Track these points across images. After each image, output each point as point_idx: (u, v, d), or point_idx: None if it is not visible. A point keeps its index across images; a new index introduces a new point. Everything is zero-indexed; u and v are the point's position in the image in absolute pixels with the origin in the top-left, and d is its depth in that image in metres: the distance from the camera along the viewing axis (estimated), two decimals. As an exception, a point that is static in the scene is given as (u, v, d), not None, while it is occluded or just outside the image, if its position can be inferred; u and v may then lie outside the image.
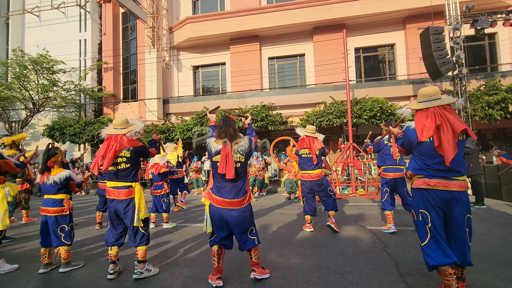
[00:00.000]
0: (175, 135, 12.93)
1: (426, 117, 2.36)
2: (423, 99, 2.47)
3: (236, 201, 2.74)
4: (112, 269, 3.04)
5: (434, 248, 2.28)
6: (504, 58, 13.14)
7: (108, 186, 3.08)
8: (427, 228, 2.33)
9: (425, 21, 12.34)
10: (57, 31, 18.42)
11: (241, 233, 2.78)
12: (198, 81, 16.84)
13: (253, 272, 2.83)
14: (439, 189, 2.31)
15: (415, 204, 2.46)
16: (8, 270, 3.34)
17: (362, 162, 10.06)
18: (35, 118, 17.79)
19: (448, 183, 2.30)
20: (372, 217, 5.74)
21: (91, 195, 12.47)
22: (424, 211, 2.36)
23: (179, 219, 6.21)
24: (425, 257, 2.33)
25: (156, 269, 3.14)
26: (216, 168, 2.73)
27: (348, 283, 2.74)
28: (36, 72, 15.89)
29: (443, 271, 2.25)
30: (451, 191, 2.30)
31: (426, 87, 2.55)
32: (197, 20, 15.23)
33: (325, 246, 3.90)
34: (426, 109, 2.40)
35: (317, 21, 14.04)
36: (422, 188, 2.38)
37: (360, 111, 11.31)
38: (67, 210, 3.45)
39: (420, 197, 2.40)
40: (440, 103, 2.38)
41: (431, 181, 2.34)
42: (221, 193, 2.75)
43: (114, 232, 3.09)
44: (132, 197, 3.01)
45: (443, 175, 2.32)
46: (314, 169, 4.66)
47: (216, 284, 2.71)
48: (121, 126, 3.12)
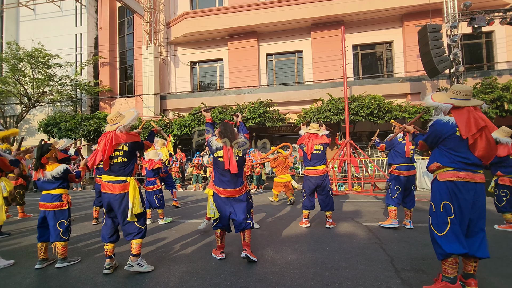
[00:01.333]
0: (172, 131, 12.88)
1: (467, 114, 2.42)
2: (460, 97, 2.50)
3: (235, 190, 3.31)
4: (108, 264, 3.04)
5: (451, 238, 2.37)
6: (501, 56, 13.21)
7: (103, 180, 3.07)
8: (448, 219, 2.41)
9: (423, 19, 12.35)
10: (52, 25, 18.14)
11: (241, 215, 3.28)
12: (195, 77, 16.75)
13: (244, 250, 3.23)
14: (467, 181, 2.40)
15: (438, 196, 2.51)
16: (4, 266, 3.32)
17: (358, 159, 10.10)
18: (31, 113, 17.59)
19: (474, 175, 2.41)
20: (368, 214, 5.78)
21: (87, 190, 12.43)
22: (448, 202, 2.43)
23: (175, 215, 6.22)
24: (442, 245, 2.39)
25: (150, 266, 3.10)
26: (218, 163, 3.28)
27: (344, 278, 2.77)
28: (31, 66, 15.68)
29: (451, 260, 2.36)
30: (476, 183, 2.41)
31: (460, 84, 2.61)
32: (194, 15, 15.10)
33: (322, 242, 3.93)
34: (462, 107, 2.46)
35: (316, 17, 13.99)
36: (450, 180, 2.44)
37: (358, 108, 11.33)
38: (66, 204, 3.45)
39: (445, 189, 2.46)
40: (473, 103, 2.47)
41: (461, 173, 2.41)
42: (223, 184, 3.30)
43: (110, 227, 3.09)
44: (126, 192, 3.00)
45: (470, 168, 2.41)
46: (321, 165, 4.73)
47: (220, 257, 3.35)
48: (114, 121, 3.13)
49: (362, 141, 13.96)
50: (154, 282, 2.79)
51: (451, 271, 2.36)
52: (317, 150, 4.73)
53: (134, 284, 2.76)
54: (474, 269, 2.44)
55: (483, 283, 2.57)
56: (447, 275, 2.38)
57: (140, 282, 2.81)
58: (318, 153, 4.73)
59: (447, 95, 2.59)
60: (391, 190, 4.63)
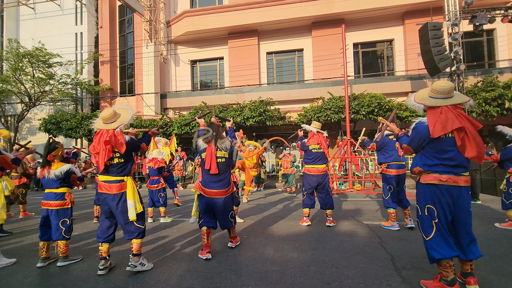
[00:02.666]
0: (172, 130, 12.89)
1: (439, 114, 2.33)
2: (437, 96, 2.41)
3: (221, 191, 3.38)
4: (103, 265, 3.00)
5: (439, 242, 2.33)
6: (502, 54, 13.16)
7: (99, 180, 3.02)
8: (433, 222, 2.37)
9: (424, 17, 12.32)
10: (52, 24, 18.14)
11: (223, 216, 3.46)
12: (195, 75, 16.74)
13: (230, 242, 3.74)
14: (450, 184, 2.33)
15: (422, 199, 2.47)
16: (6, 264, 3.34)
17: (359, 158, 10.10)
18: (31, 112, 17.61)
19: (457, 178, 2.34)
20: (369, 212, 5.79)
21: (88, 189, 12.45)
22: (431, 206, 2.38)
23: (176, 213, 6.23)
24: (430, 250, 2.37)
25: (150, 264, 3.12)
26: (203, 164, 3.36)
27: (344, 276, 2.78)
28: (32, 65, 15.69)
29: (444, 264, 2.32)
30: (460, 187, 2.34)
31: (440, 81, 2.50)
32: (194, 14, 15.07)
33: (322, 241, 3.94)
34: (438, 107, 2.37)
35: (316, 15, 13.95)
36: (432, 183, 2.39)
37: (358, 106, 11.32)
38: (69, 203, 3.45)
39: (428, 192, 2.41)
40: (453, 101, 2.36)
41: (443, 176, 2.35)
42: (208, 185, 3.38)
43: (105, 228, 3.05)
44: (124, 192, 2.97)
45: (454, 170, 2.35)
46: (322, 164, 4.73)
47: (206, 257, 3.31)
48: (110, 120, 2.98)
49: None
50: (155, 281, 2.80)
51: (447, 274, 2.32)
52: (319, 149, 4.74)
53: (135, 282, 2.77)
54: (471, 267, 2.42)
55: (483, 282, 2.57)
56: (444, 278, 2.34)
57: (141, 280, 2.82)
58: (320, 151, 4.74)
59: (427, 94, 2.50)
60: (385, 190, 4.55)
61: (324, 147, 4.72)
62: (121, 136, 2.96)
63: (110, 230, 3.07)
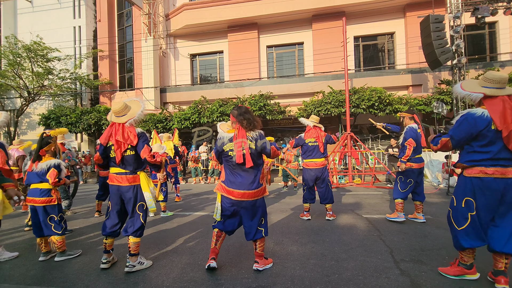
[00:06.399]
0: (172, 124, 12.87)
1: (500, 105, 2.24)
2: (493, 85, 2.31)
3: (250, 192, 2.70)
4: (105, 259, 2.99)
5: (470, 233, 2.39)
6: (504, 47, 13.06)
7: (111, 172, 3.00)
8: (469, 215, 2.39)
9: (426, 9, 12.18)
10: (50, 18, 17.96)
11: (250, 224, 2.78)
12: (195, 69, 16.65)
13: (256, 263, 2.82)
14: (496, 177, 2.28)
15: (461, 191, 2.46)
16: (8, 258, 3.36)
17: (359, 152, 10.11)
18: (31, 107, 17.58)
19: (505, 170, 2.28)
20: (368, 206, 5.82)
21: (89, 184, 12.49)
22: (470, 198, 2.38)
23: (177, 208, 6.27)
24: (460, 239, 2.43)
25: (149, 261, 3.07)
26: (228, 158, 2.73)
27: (344, 269, 2.80)
28: (30, 60, 15.59)
29: (468, 250, 2.44)
30: (507, 178, 2.27)
31: (493, 71, 2.45)
32: (194, 7, 14.92)
33: (322, 234, 3.97)
34: (496, 97, 2.29)
35: (316, 8, 13.80)
36: (477, 176, 2.34)
37: (358, 100, 11.28)
38: (55, 200, 3.37)
39: (470, 185, 2.38)
40: (507, 92, 2.30)
41: (489, 169, 2.30)
42: (234, 185, 2.71)
43: (114, 220, 3.01)
44: (136, 184, 2.95)
45: (502, 163, 2.28)
46: (320, 157, 4.73)
47: (209, 264, 2.77)
48: (121, 113, 2.99)
49: (363, 133, 13.94)
50: (157, 274, 2.83)
51: (468, 259, 2.46)
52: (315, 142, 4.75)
53: (137, 276, 2.80)
54: (505, 266, 2.32)
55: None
56: (463, 262, 2.48)
57: (142, 273, 2.85)
58: (316, 145, 4.75)
59: (478, 83, 2.41)
60: (403, 183, 4.46)
61: (320, 141, 4.72)
62: (132, 128, 2.96)
63: (118, 225, 3.02)
